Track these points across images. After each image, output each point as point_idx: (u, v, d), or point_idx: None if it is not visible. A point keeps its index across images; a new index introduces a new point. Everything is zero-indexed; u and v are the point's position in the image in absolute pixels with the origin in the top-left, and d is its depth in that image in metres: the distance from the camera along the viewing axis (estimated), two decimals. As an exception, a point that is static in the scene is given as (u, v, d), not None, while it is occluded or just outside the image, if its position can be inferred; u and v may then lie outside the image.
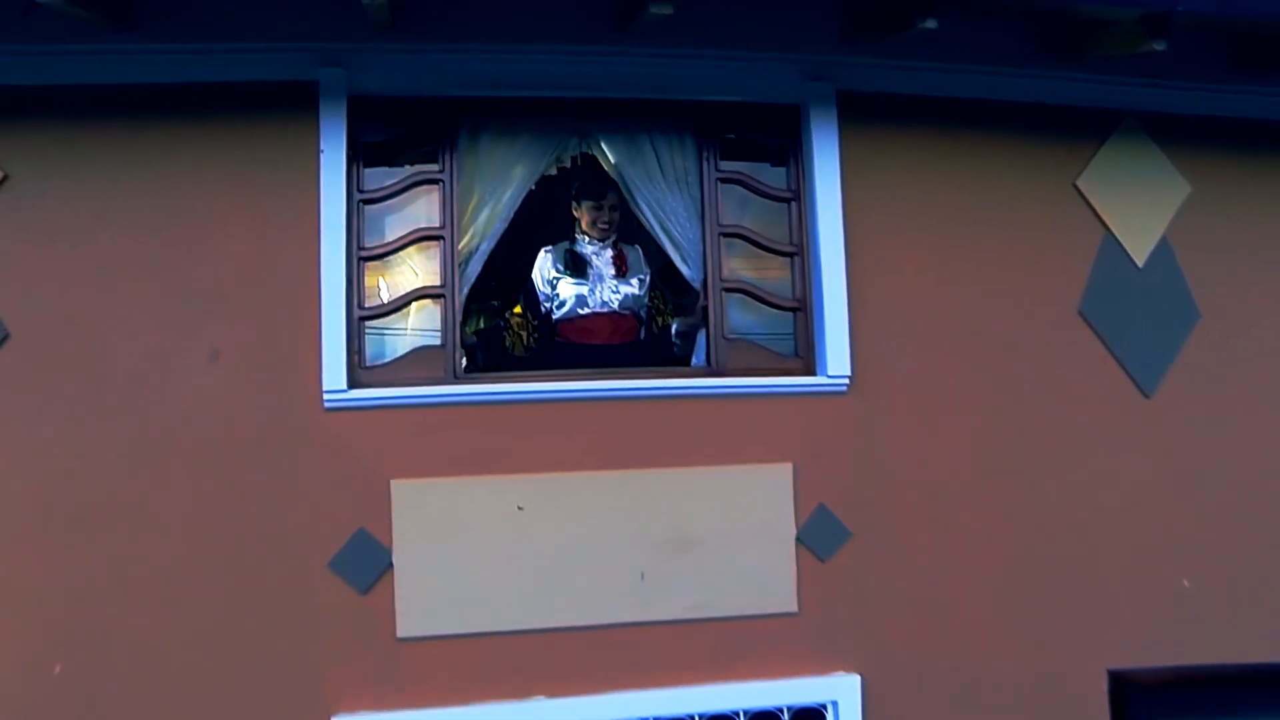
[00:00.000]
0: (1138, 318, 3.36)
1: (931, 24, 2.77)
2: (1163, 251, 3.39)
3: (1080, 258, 3.35)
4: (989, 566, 3.23)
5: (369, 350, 3.02)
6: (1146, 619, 3.31)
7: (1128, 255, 3.37)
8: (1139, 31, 2.88)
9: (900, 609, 3.15)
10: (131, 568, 2.80)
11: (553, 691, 2.94)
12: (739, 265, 3.25)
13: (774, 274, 3.27)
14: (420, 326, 3.12)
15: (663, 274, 3.84)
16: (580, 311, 3.35)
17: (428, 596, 2.92)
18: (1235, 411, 3.41)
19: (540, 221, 3.49)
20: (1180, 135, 3.42)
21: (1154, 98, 3.37)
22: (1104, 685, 3.27)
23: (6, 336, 2.76)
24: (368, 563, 2.90)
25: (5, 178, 2.76)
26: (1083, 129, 3.38)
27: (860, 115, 3.22)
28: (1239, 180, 3.47)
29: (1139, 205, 3.38)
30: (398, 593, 2.90)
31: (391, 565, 2.90)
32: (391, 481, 2.93)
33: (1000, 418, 3.27)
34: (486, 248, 3.20)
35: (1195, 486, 3.36)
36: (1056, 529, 3.28)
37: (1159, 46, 2.87)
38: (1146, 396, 3.35)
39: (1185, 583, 3.34)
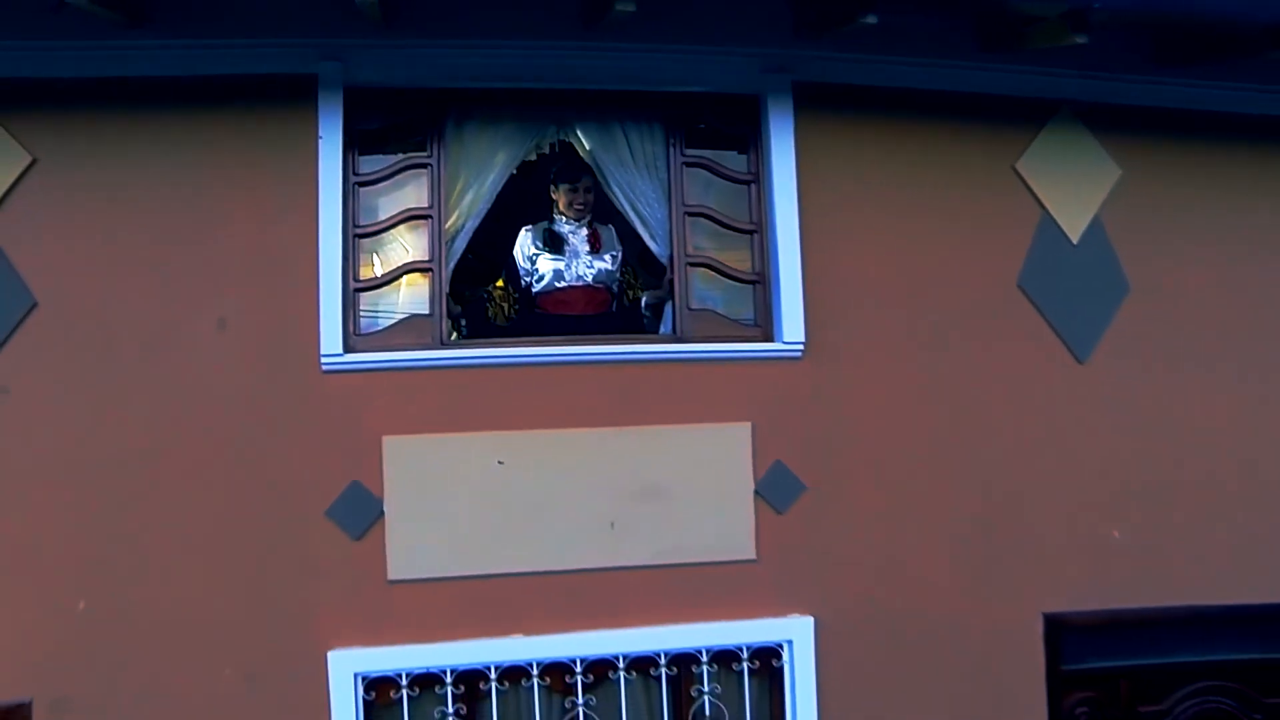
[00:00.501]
0: (1072, 290, 3.64)
1: (872, 19, 3.06)
2: (1095, 230, 3.67)
3: (1019, 235, 3.63)
4: (934, 518, 3.51)
5: (363, 319, 3.31)
6: (1079, 567, 3.60)
7: (1063, 233, 3.65)
8: (1063, 26, 3.18)
9: (851, 557, 3.43)
10: (147, 516, 3.09)
11: (530, 630, 3.22)
12: (703, 242, 3.53)
13: (735, 250, 3.56)
14: (410, 298, 3.41)
15: (641, 257, 4.13)
16: (557, 285, 3.64)
17: (416, 543, 3.20)
18: (1162, 377, 3.69)
19: (521, 203, 3.78)
20: (1111, 123, 3.69)
21: (1087, 88, 3.66)
22: (1039, 627, 3.55)
23: (35, 305, 3.04)
24: (361, 512, 3.18)
25: (34, 161, 3.04)
26: (1021, 117, 3.65)
27: (814, 104, 3.50)
28: (1166, 164, 3.74)
29: (1073, 187, 3.66)
30: (388, 539, 3.19)
31: (382, 514, 3.18)
32: (383, 438, 3.21)
33: (945, 381, 3.55)
34: (471, 226, 3.49)
35: (1125, 446, 3.64)
36: (996, 484, 3.56)
37: (1080, 39, 3.15)
38: (1080, 362, 3.64)
39: (1114, 534, 3.63)
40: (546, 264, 3.64)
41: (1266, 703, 3.82)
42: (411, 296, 3.40)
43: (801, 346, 3.40)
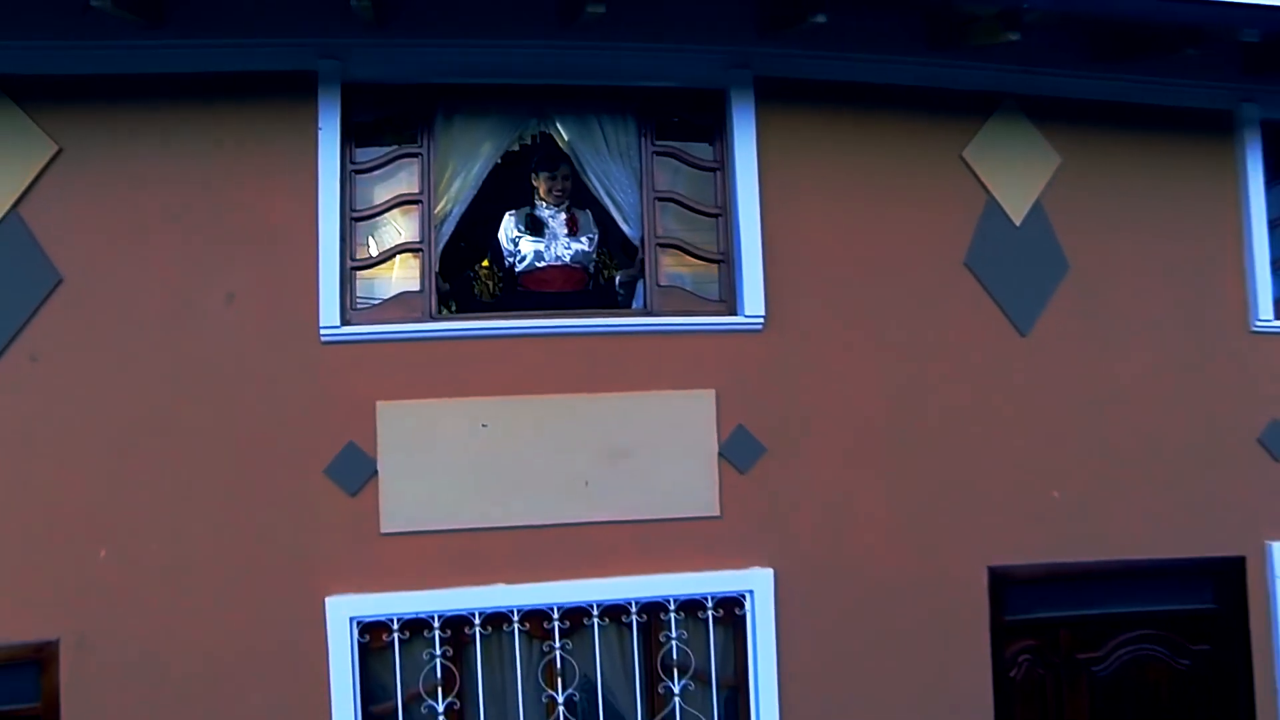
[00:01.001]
0: (1015, 268, 3.93)
1: (821, 19, 3.36)
2: (1037, 213, 3.97)
3: (966, 218, 3.93)
4: (886, 479, 3.81)
5: (359, 293, 3.61)
6: (1021, 524, 3.89)
7: (1006, 216, 3.94)
8: (997, 25, 3.46)
9: (808, 513, 3.73)
10: (161, 472, 3.39)
11: (511, 579, 3.52)
12: (671, 225, 3.82)
13: (701, 232, 3.85)
14: (402, 276, 3.70)
15: (615, 239, 4.41)
16: (538, 265, 3.92)
17: (406, 499, 3.50)
18: (1099, 349, 3.99)
19: (504, 189, 4.08)
20: (1051, 115, 4.00)
21: (1028, 83, 3.95)
22: (984, 580, 3.85)
23: (60, 280, 3.35)
24: (356, 470, 3.47)
25: (60, 151, 3.35)
26: (967, 109, 3.96)
27: (775, 98, 3.80)
28: (1103, 153, 4.04)
29: (1016, 174, 3.95)
30: (381, 495, 3.49)
31: (376, 472, 3.48)
32: (377, 403, 3.51)
33: (896, 352, 3.85)
34: (458, 211, 3.79)
35: (1064, 411, 3.94)
36: (944, 447, 3.86)
37: (1013, 37, 3.45)
38: (1022, 335, 3.94)
39: (1055, 494, 3.92)
40: (528, 245, 3.93)
41: (1194, 649, 4.12)
42: (403, 275, 3.70)
43: (762, 320, 3.69)
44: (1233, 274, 4.11)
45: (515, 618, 3.53)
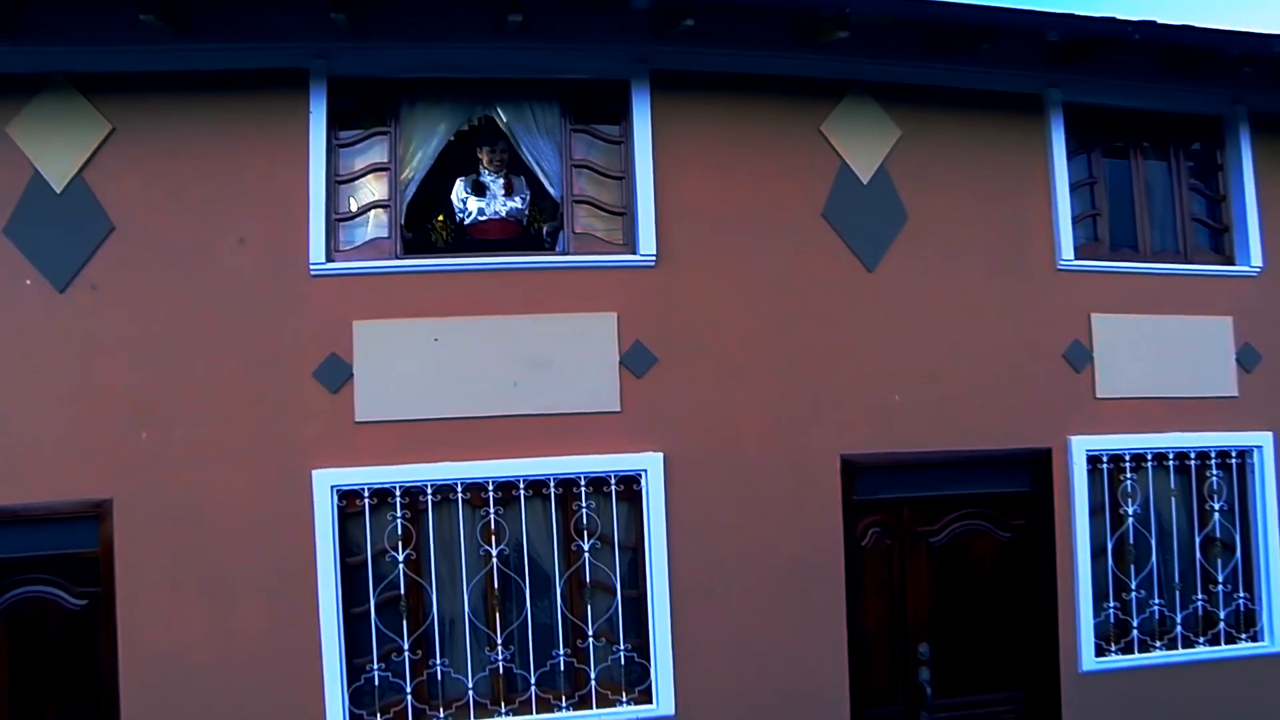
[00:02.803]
0: (863, 218, 4.92)
1: (689, 23, 4.36)
2: (881, 174, 4.94)
3: (823, 179, 4.92)
4: (756, 383, 4.79)
5: (341, 238, 4.63)
6: (868, 422, 4.87)
7: (856, 177, 4.93)
8: (831, 25, 4.44)
9: (691, 409, 4.71)
10: (189, 374, 4.40)
11: (456, 459, 4.52)
12: (586, 186, 4.83)
13: (609, 191, 4.84)
14: (374, 226, 4.69)
15: (542, 198, 5.38)
16: (481, 219, 4.93)
17: (375, 395, 4.51)
18: (932, 282, 4.96)
19: (455, 160, 5.09)
20: (893, 97, 4.99)
21: (874, 71, 4.94)
22: (837, 466, 4.81)
23: (113, 229, 4.39)
24: (337, 374, 4.48)
25: (113, 130, 4.40)
26: (825, 92, 4.93)
27: (667, 86, 4.81)
28: (935, 127, 5.03)
29: (864, 143, 4.93)
30: (356, 393, 4.49)
31: (352, 375, 4.49)
32: (354, 322, 4.52)
33: (765, 284, 4.83)
34: (419, 177, 4.81)
35: (903, 330, 4.92)
36: (805, 359, 4.84)
37: (843, 34, 4.44)
38: (869, 271, 4.92)
39: (896, 398, 4.88)
40: (474, 204, 4.95)
41: (1012, 523, 5.06)
42: (375, 225, 4.71)
43: (654, 258, 4.69)
44: (1042, 225, 5.09)
45: (459, 489, 4.54)
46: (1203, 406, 5.23)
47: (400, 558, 4.49)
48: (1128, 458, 5.16)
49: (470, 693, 4.53)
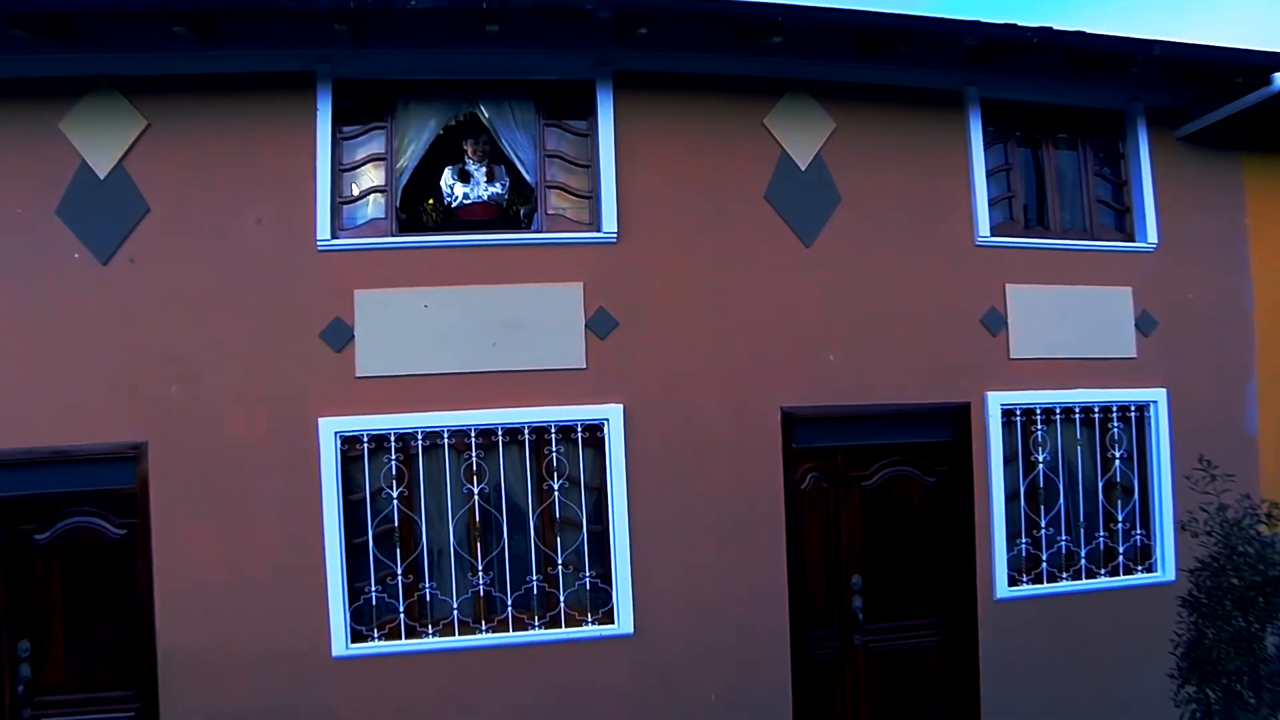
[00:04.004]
0: (801, 200, 5.58)
1: (643, 30, 5.02)
2: (817, 161, 5.60)
3: (766, 165, 5.58)
4: (705, 344, 5.42)
5: (344, 219, 5.32)
6: (805, 378, 5.52)
7: (795, 164, 5.59)
8: (767, 31, 5.09)
9: (648, 367, 5.38)
10: (213, 334, 5.08)
11: (443, 408, 5.20)
12: (557, 174, 5.51)
13: (577, 178, 5.51)
14: (373, 208, 5.38)
15: (519, 184, 6.06)
16: (465, 202, 5.61)
17: (374, 353, 5.18)
18: (862, 255, 5.62)
19: (443, 151, 5.77)
20: (828, 93, 5.65)
21: (810, 71, 5.60)
22: (778, 417, 5.46)
23: (148, 210, 5.08)
24: (340, 335, 5.16)
25: (149, 125, 5.10)
26: (768, 90, 5.61)
27: (628, 85, 5.48)
28: (866, 119, 5.68)
29: (802, 134, 5.60)
30: (357, 351, 5.17)
31: (354, 337, 5.16)
32: (355, 291, 5.19)
33: (713, 257, 5.49)
34: (412, 166, 5.51)
35: (836, 298, 5.57)
36: (749, 322, 5.47)
37: (778, 39, 5.08)
38: (806, 247, 5.57)
39: (831, 357, 5.52)
40: (460, 189, 5.64)
41: (937, 469, 5.70)
42: (374, 207, 5.40)
43: (616, 235, 5.36)
44: (962, 205, 5.75)
45: (446, 435, 5.22)
46: (1105, 366, 5.88)
47: (394, 495, 5.17)
48: (1038, 411, 5.81)
49: (455, 613, 5.21)
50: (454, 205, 5.65)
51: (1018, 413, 5.78)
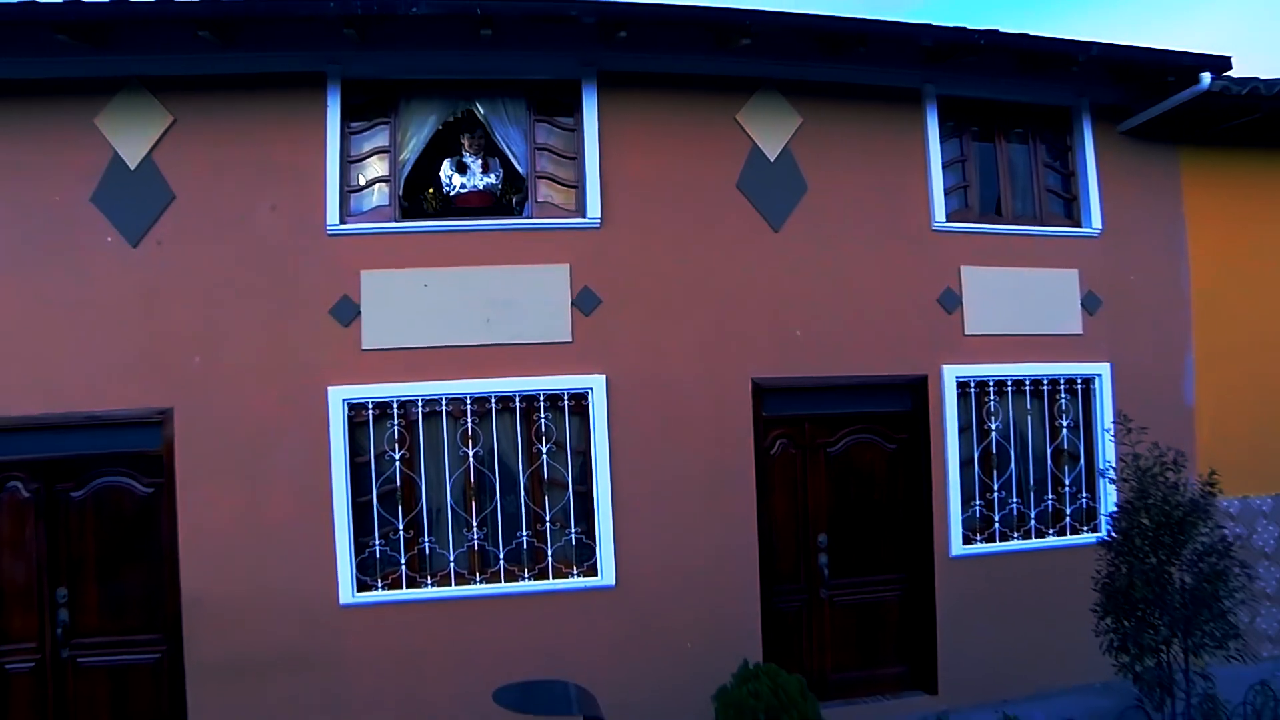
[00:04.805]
0: (770, 188, 6.06)
1: (623, 34, 5.50)
2: (786, 153, 6.09)
3: (738, 157, 6.08)
4: (681, 320, 5.94)
5: (351, 206, 5.81)
6: (773, 351, 6.00)
7: (765, 155, 6.06)
8: (733, 34, 5.57)
9: (628, 341, 5.86)
10: (232, 311, 5.56)
11: (441, 378, 5.68)
12: (546, 165, 6.01)
13: (565, 169, 6.00)
14: (378, 196, 5.88)
15: (518, 179, 6.56)
16: (462, 191, 6.12)
17: (379, 328, 5.68)
18: (827, 239, 6.10)
19: (443, 145, 6.28)
20: (796, 91, 6.14)
21: (779, 70, 6.09)
22: (749, 388, 5.94)
23: (174, 198, 5.58)
24: (348, 311, 5.65)
25: (175, 120, 5.61)
26: (740, 87, 6.10)
27: (611, 84, 5.98)
28: (831, 115, 6.17)
29: (771, 128, 6.08)
30: (363, 326, 5.66)
31: (360, 313, 5.66)
32: (361, 271, 5.69)
33: (690, 240, 5.97)
34: (413, 158, 6.01)
35: (803, 278, 6.05)
36: (722, 300, 5.99)
37: (746, 41, 5.56)
38: (775, 231, 6.04)
39: (797, 333, 5.98)
40: (457, 179, 6.14)
41: (897, 437, 6.16)
42: (379, 195, 5.90)
43: (599, 220, 5.84)
44: (920, 194, 6.23)
45: (444, 403, 5.70)
46: (1053, 342, 6.36)
47: (397, 458, 5.66)
48: (991, 384, 6.29)
49: (452, 565, 5.69)
50: (452, 194, 6.14)
51: (972, 385, 6.25)
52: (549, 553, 5.77)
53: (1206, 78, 5.83)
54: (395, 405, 5.66)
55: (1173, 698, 4.59)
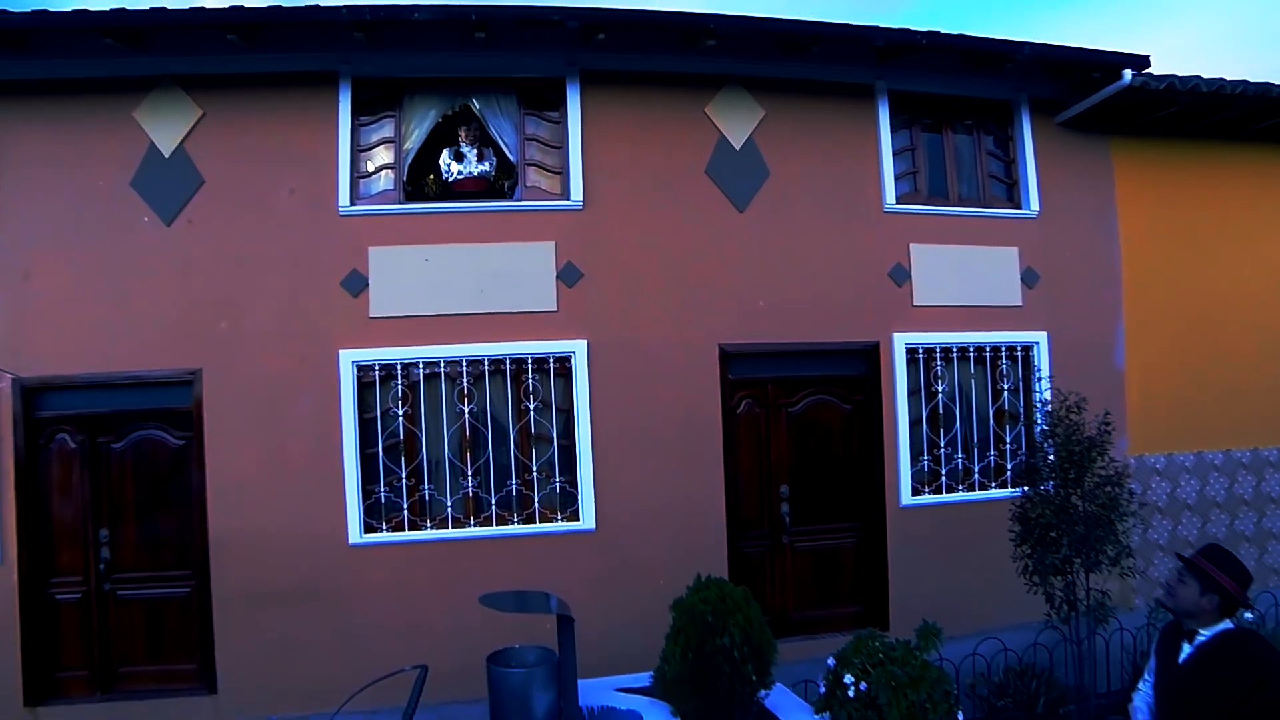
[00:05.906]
0: (736, 174, 6.70)
1: (601, 36, 6.16)
2: (750, 142, 6.72)
3: (707, 146, 6.73)
4: (653, 292, 6.58)
5: (361, 190, 6.49)
6: (739, 320, 6.63)
7: (731, 144, 6.70)
8: (700, 36, 6.22)
9: (608, 310, 6.50)
10: (251, 282, 6.26)
11: (440, 343, 6.34)
12: (535, 154, 6.68)
13: (551, 158, 6.66)
14: (385, 181, 6.56)
15: (510, 166, 7.25)
16: (460, 177, 6.79)
17: (385, 298, 6.35)
18: (788, 219, 6.74)
19: (442, 136, 6.95)
20: (759, 87, 6.79)
21: (744, 67, 6.73)
22: (716, 353, 6.56)
23: (203, 182, 6.27)
24: (357, 284, 6.32)
25: (204, 113, 6.30)
26: (708, 84, 6.74)
27: (593, 81, 6.65)
28: (791, 108, 6.82)
29: (736, 120, 6.71)
30: (371, 296, 6.33)
31: (368, 284, 6.32)
32: (369, 248, 6.37)
33: (663, 220, 6.63)
34: (416, 148, 6.69)
35: (766, 255, 6.69)
36: (692, 274, 6.63)
37: (711, 43, 6.21)
38: (740, 212, 6.68)
39: (760, 304, 6.60)
40: (455, 167, 6.82)
41: (853, 399, 6.78)
42: (385, 181, 6.59)
43: (582, 203, 6.50)
44: (873, 179, 6.86)
45: (442, 365, 6.36)
46: (995, 313, 6.98)
47: (400, 414, 6.32)
48: (938, 350, 6.91)
49: (449, 510, 6.34)
50: (450, 179, 6.82)
51: (920, 351, 6.87)
52: (536, 500, 6.41)
53: (1128, 74, 6.45)
54: (399, 367, 6.32)
55: (1076, 612, 5.17)
